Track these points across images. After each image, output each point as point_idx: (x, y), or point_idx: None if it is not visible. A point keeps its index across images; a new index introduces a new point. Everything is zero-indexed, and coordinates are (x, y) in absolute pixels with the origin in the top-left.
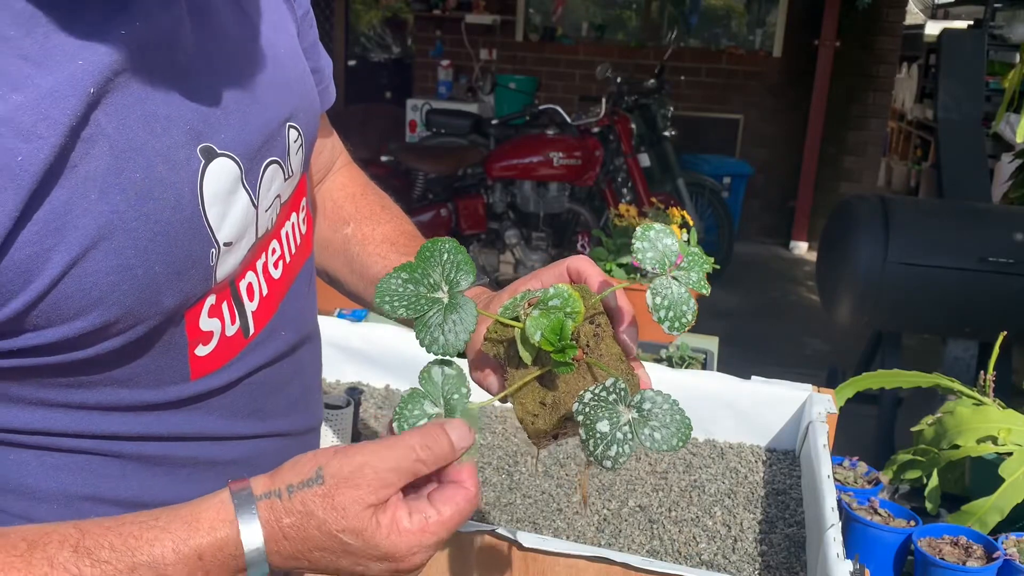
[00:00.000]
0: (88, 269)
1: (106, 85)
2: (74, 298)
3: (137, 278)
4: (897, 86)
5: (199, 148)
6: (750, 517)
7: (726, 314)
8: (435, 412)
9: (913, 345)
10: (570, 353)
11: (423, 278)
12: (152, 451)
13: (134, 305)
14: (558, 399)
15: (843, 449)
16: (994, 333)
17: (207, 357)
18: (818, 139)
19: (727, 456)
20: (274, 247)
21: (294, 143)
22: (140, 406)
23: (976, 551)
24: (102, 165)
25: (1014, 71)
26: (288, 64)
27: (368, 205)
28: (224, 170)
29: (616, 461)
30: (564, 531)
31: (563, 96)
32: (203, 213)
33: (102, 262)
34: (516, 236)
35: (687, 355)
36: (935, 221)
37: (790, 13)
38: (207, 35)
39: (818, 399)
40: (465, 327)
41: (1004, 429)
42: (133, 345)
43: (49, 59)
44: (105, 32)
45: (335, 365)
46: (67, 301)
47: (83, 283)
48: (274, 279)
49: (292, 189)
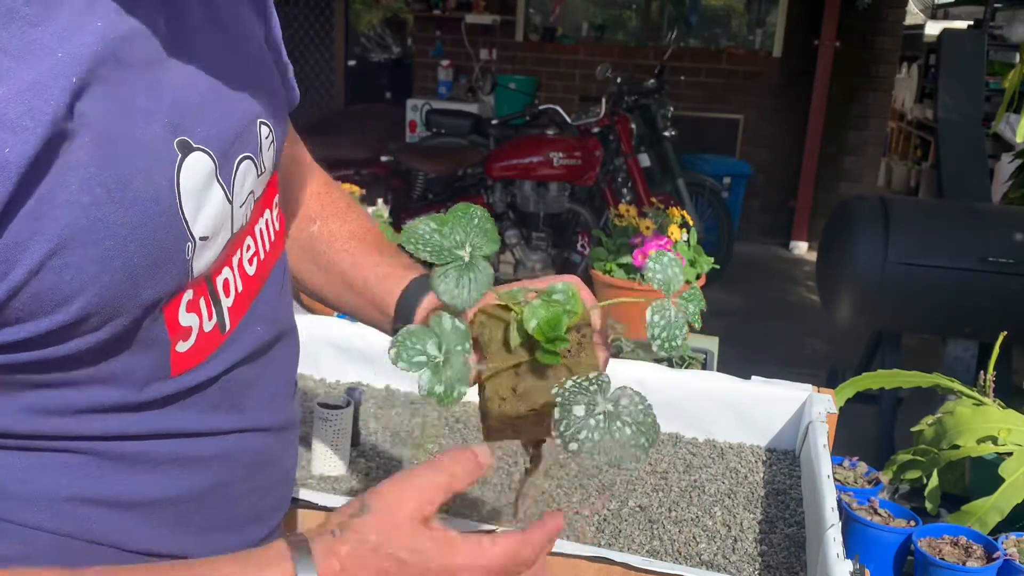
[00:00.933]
0: (67, 260)
1: (87, 76)
2: (54, 289)
3: (116, 269)
4: (897, 86)
5: (176, 142)
6: (750, 517)
7: (726, 314)
8: (435, 356)
9: (913, 345)
10: (560, 346)
11: (450, 234)
12: (134, 450)
13: (113, 297)
14: (528, 391)
15: (843, 449)
16: (994, 333)
17: (187, 353)
18: (818, 139)
19: (727, 456)
20: (248, 243)
21: (265, 139)
22: (122, 406)
23: (976, 551)
24: (84, 156)
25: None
26: (256, 61)
27: (333, 203)
28: (199, 164)
29: (582, 445)
30: (564, 531)
31: (563, 96)
32: (180, 207)
33: (81, 252)
34: (516, 236)
35: (687, 355)
36: (935, 221)
37: (790, 13)
38: (179, 29)
39: (818, 399)
40: (479, 287)
41: (1004, 429)
42: (115, 341)
43: (29, 52)
44: (82, 24)
45: (335, 365)
46: (47, 292)
47: (63, 274)
48: (249, 275)
49: (264, 186)
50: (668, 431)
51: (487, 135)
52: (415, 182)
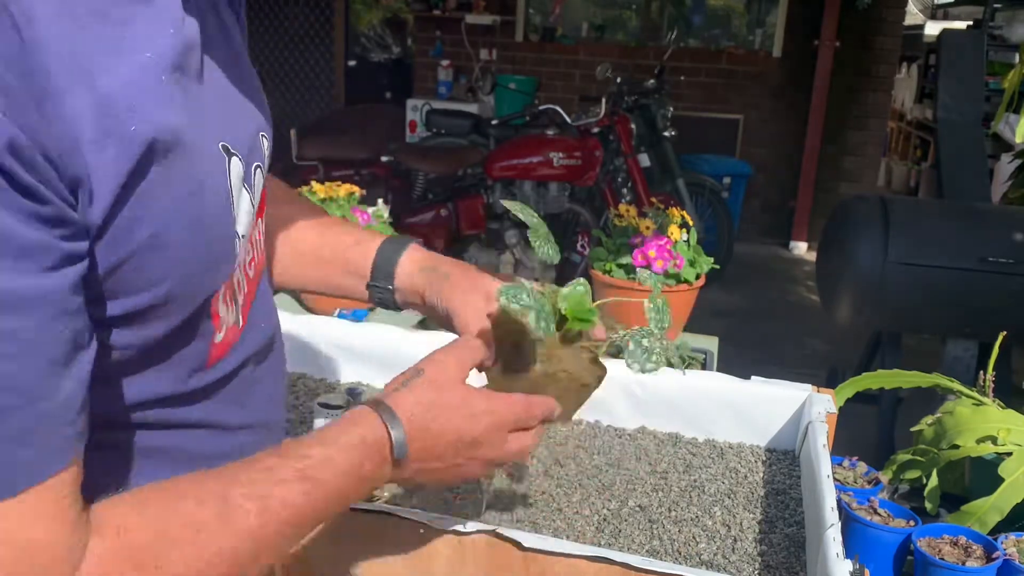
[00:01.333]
0: (163, 241)
1: (169, 77)
2: (151, 267)
3: (195, 259)
4: (897, 86)
5: (220, 145)
6: (750, 517)
7: (726, 314)
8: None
9: (913, 345)
10: (592, 316)
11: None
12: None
13: (190, 284)
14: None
15: (843, 449)
16: (994, 333)
17: (219, 344)
18: (818, 139)
19: (727, 456)
20: (247, 247)
21: (266, 150)
22: (167, 397)
23: (976, 551)
24: (176, 147)
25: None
26: (250, 73)
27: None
28: (236, 168)
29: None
30: (564, 531)
31: (563, 96)
32: (232, 205)
33: (174, 238)
34: (516, 236)
35: (687, 355)
36: (935, 221)
37: (790, 13)
38: (206, 42)
39: (818, 399)
40: (552, 254)
41: (1004, 429)
42: (179, 328)
43: (127, 50)
44: (159, 30)
45: (335, 365)
46: (147, 268)
47: (159, 255)
48: (249, 278)
49: (261, 194)
50: (668, 431)
51: (487, 135)
52: (415, 182)
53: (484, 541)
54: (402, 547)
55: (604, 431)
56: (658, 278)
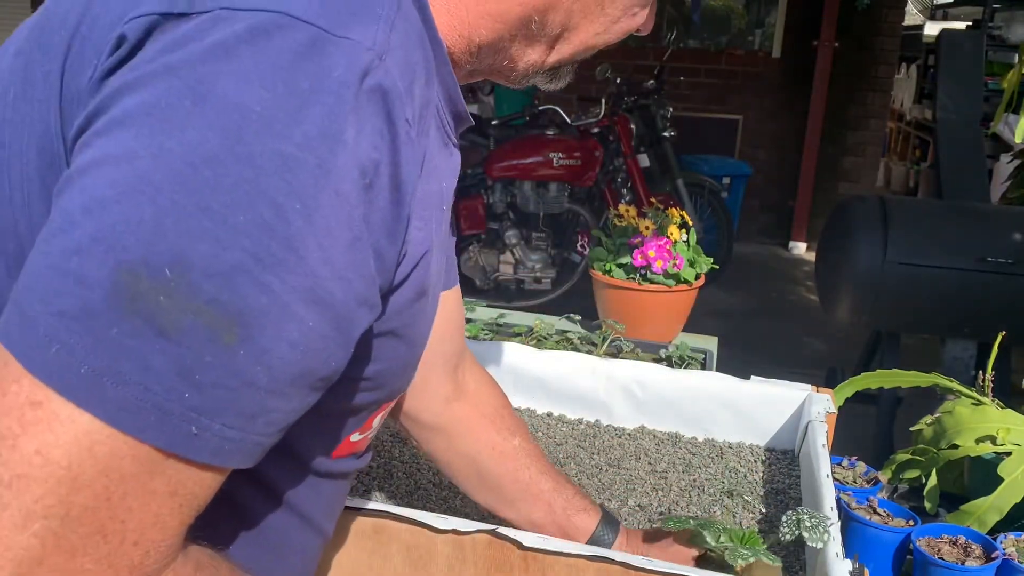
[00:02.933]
0: (419, 311)
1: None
2: (393, 343)
3: (416, 356)
4: (896, 87)
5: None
6: (749, 517)
7: (726, 314)
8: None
9: (912, 345)
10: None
11: None
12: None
13: (397, 378)
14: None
15: (842, 449)
16: (993, 333)
17: (352, 443)
18: (817, 139)
19: (726, 456)
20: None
21: None
22: (304, 468)
23: (975, 551)
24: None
25: (1013, 71)
26: None
27: (516, 421)
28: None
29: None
30: None
31: (563, 96)
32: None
33: (420, 312)
34: (516, 236)
35: (687, 355)
36: (934, 221)
37: (789, 14)
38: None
39: (817, 399)
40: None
41: (1003, 429)
42: (360, 407)
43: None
44: (452, 171)
45: None
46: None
47: (401, 340)
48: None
49: None
50: (667, 431)
51: (487, 135)
52: None
53: (484, 540)
54: (402, 547)
55: (604, 431)
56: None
